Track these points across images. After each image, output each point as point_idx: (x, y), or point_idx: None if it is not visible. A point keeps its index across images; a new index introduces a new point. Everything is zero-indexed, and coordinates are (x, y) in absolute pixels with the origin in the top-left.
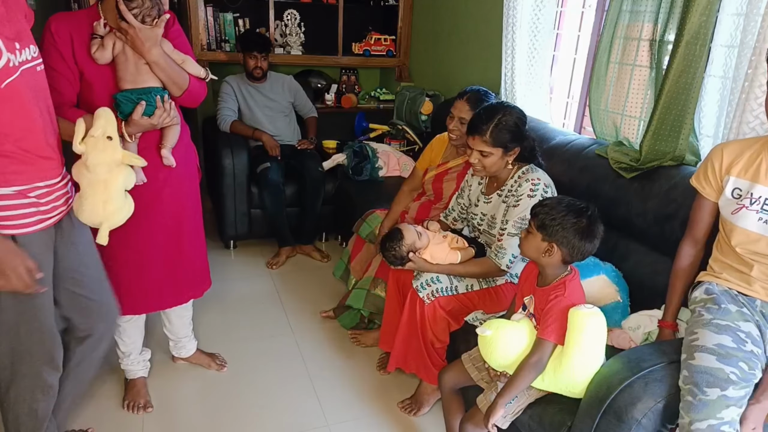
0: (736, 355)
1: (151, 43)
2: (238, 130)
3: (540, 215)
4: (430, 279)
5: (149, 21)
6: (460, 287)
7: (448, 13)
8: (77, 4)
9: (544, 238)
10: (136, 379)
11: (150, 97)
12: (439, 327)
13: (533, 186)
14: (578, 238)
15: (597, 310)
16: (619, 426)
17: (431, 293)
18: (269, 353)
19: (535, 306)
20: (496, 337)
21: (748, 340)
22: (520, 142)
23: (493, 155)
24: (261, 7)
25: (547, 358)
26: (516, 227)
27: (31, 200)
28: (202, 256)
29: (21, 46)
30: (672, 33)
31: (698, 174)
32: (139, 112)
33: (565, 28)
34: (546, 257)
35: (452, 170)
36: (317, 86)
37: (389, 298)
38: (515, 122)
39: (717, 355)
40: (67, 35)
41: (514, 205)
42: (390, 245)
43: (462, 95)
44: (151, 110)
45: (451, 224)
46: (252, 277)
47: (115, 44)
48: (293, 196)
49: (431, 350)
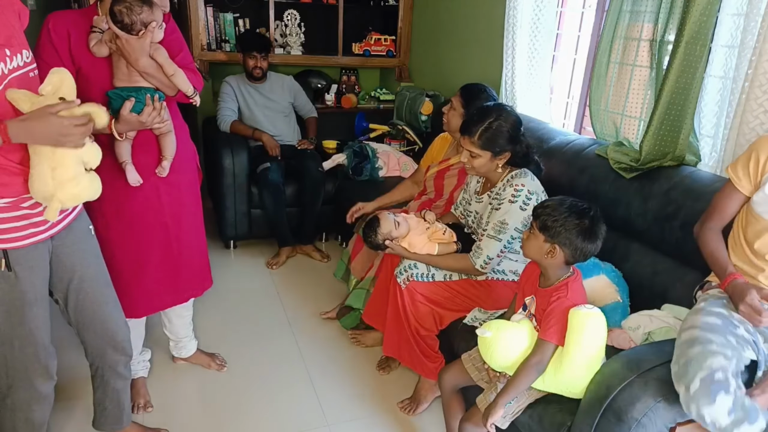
0: (724, 330)
1: (138, 54)
2: (238, 130)
3: (542, 216)
4: (407, 265)
5: (135, 32)
6: (437, 275)
7: (448, 13)
8: (77, 4)
9: (546, 239)
10: (136, 379)
11: (140, 95)
12: (420, 313)
13: (515, 192)
14: (581, 239)
15: (597, 311)
16: (619, 426)
17: (407, 278)
18: (269, 353)
19: (536, 307)
20: (496, 338)
21: (740, 326)
22: (512, 147)
23: (481, 158)
24: (261, 7)
25: (548, 359)
26: (495, 230)
27: (23, 212)
28: (202, 254)
29: (12, 52)
30: (672, 33)
31: (736, 163)
32: (127, 108)
33: (565, 28)
34: (548, 258)
35: (453, 167)
36: (317, 86)
37: (382, 276)
38: (508, 128)
39: (701, 329)
40: (65, 31)
41: (495, 208)
42: (367, 232)
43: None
44: (140, 107)
45: (460, 217)
46: (252, 277)
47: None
48: (293, 196)
49: (418, 338)
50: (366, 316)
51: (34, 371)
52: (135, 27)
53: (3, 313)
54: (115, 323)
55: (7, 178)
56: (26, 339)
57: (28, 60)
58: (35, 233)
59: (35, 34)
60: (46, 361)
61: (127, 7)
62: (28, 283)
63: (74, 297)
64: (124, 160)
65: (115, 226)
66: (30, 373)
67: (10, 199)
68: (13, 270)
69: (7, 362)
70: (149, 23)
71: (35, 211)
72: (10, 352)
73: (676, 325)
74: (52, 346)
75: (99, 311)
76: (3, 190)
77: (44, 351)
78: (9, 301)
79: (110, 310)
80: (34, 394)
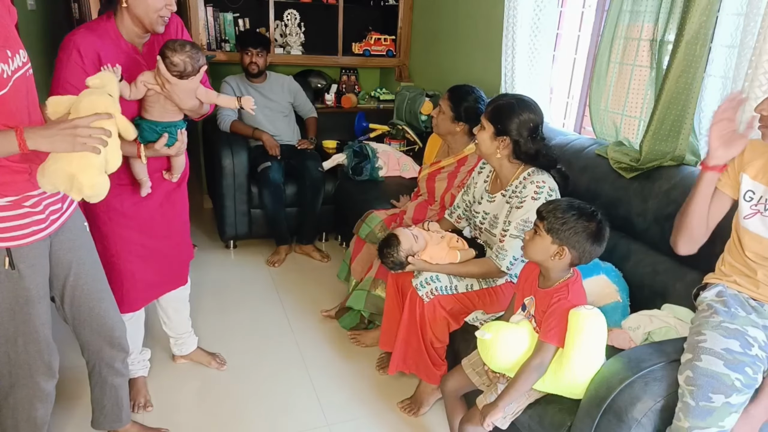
0: (743, 360)
1: (187, 97)
2: (239, 130)
3: (549, 218)
4: (429, 278)
5: (187, 75)
6: (459, 286)
7: (448, 13)
8: (77, 4)
9: (554, 241)
10: (136, 378)
11: (173, 131)
12: (438, 326)
13: (538, 188)
14: (590, 243)
15: (597, 311)
16: (619, 426)
17: (430, 291)
18: (269, 353)
19: (536, 308)
20: (496, 340)
21: (754, 344)
22: (517, 135)
23: (485, 132)
24: (261, 7)
25: (549, 360)
26: (518, 229)
27: (25, 210)
28: (188, 246)
29: (12, 53)
30: (672, 33)
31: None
32: (162, 143)
33: (565, 28)
34: (555, 260)
35: (444, 170)
36: (317, 86)
37: (389, 298)
38: (520, 115)
39: (724, 360)
40: (95, 55)
41: (517, 207)
42: (388, 252)
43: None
44: (172, 141)
45: (456, 221)
46: (252, 277)
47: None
48: (293, 196)
49: (431, 350)
50: (383, 345)
51: (38, 369)
52: (192, 74)
53: (7, 311)
54: (111, 319)
55: (9, 176)
56: (30, 336)
57: (25, 60)
58: (37, 231)
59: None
60: (50, 359)
61: (190, 56)
62: (31, 281)
63: (70, 293)
64: (142, 179)
65: (116, 221)
66: (33, 371)
67: (12, 198)
68: (17, 268)
69: (10, 360)
70: (201, 67)
71: (37, 210)
72: (13, 350)
73: (677, 325)
74: (54, 343)
75: (95, 307)
76: (5, 188)
77: (47, 348)
78: (13, 298)
79: (106, 306)
80: (37, 392)
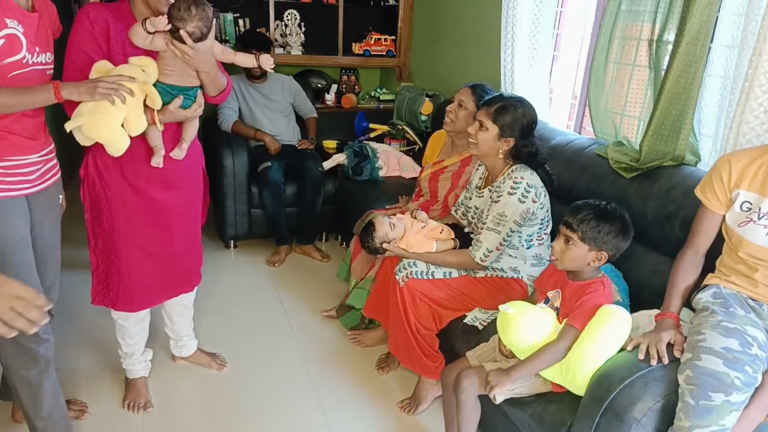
0: (743, 359)
1: (206, 56)
2: (240, 131)
3: (582, 228)
4: (406, 263)
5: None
6: (436, 273)
7: (448, 13)
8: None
9: (591, 248)
10: (137, 378)
11: (190, 94)
12: (420, 311)
13: (514, 183)
14: (624, 241)
15: (627, 314)
16: (619, 425)
17: (405, 276)
18: (269, 353)
19: (562, 300)
20: (518, 316)
21: (754, 344)
22: (519, 137)
23: (488, 132)
24: (261, 7)
25: (570, 346)
26: (494, 222)
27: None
28: (198, 254)
29: (40, 50)
30: (671, 33)
31: (703, 185)
32: (176, 104)
33: (566, 28)
34: (594, 264)
35: (448, 169)
36: (317, 86)
37: (381, 273)
38: (524, 118)
39: (724, 359)
40: (105, 23)
41: (495, 201)
42: (365, 238)
43: (469, 84)
44: (189, 103)
45: (460, 218)
46: (252, 277)
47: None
48: (293, 196)
49: (418, 337)
50: (367, 310)
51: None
52: (208, 32)
53: None
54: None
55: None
56: None
57: (49, 61)
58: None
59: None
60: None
61: (200, 18)
62: (9, 228)
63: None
64: (156, 144)
65: (121, 220)
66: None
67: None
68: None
69: None
70: (212, 21)
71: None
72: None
73: None
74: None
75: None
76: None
77: None
78: None
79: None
80: (24, 351)
